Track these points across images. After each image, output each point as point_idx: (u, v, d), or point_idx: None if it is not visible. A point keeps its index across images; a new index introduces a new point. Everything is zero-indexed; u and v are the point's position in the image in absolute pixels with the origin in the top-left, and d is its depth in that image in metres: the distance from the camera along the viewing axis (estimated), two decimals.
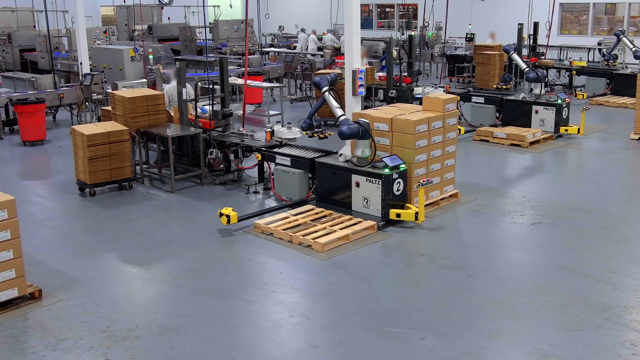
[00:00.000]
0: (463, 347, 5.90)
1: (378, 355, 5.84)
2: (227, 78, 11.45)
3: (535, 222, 9.00)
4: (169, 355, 5.90)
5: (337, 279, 7.44)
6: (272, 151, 10.11)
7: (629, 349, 5.81)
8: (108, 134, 10.34)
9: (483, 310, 6.64)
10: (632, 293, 6.87)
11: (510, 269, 7.54)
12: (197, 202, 10.17)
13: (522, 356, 5.75)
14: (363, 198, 9.03)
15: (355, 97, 11.54)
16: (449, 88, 15.53)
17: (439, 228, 8.87)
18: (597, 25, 26.40)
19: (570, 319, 6.34)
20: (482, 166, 12.08)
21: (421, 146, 9.28)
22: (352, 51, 11.49)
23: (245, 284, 7.36)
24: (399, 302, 6.87)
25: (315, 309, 6.73)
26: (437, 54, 23.13)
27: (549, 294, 6.88)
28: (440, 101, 9.62)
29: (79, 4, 16.96)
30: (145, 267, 7.82)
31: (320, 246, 8.11)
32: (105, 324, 6.43)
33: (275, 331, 6.30)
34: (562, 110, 13.69)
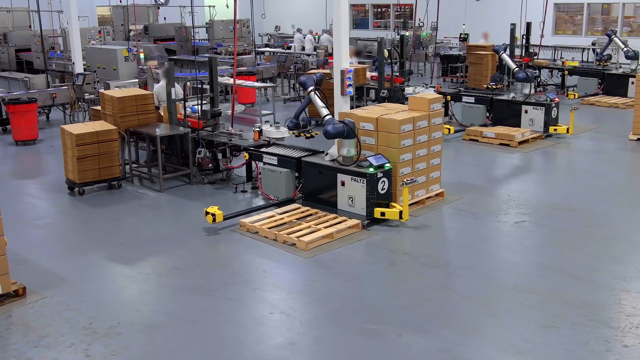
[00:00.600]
0: (439, 344, 5.97)
1: (355, 351, 5.92)
2: (217, 78, 11.53)
3: (519, 221, 9.08)
4: (149, 351, 5.97)
5: (320, 277, 7.52)
6: (259, 150, 10.18)
7: (603, 345, 5.89)
8: (97, 134, 10.41)
9: (461, 308, 6.72)
10: (609, 291, 6.94)
11: (491, 267, 7.61)
12: (185, 201, 10.25)
13: (496, 352, 5.82)
14: (348, 197, 9.10)
15: (344, 96, 11.65)
16: (440, 88, 15.59)
17: (423, 227, 8.94)
18: (592, 25, 26.47)
19: (546, 316, 6.42)
20: (470, 165, 12.15)
21: (406, 145, 9.35)
22: (341, 51, 11.59)
23: (229, 281, 7.43)
24: (379, 299, 6.94)
25: (296, 306, 6.80)
26: (431, 54, 23.21)
27: (528, 291, 6.96)
28: (426, 101, 9.69)
29: (72, 4, 17.03)
30: (130, 265, 7.89)
31: (304, 244, 8.19)
32: (87, 321, 6.50)
33: (255, 328, 6.37)
34: (551, 110, 13.76)
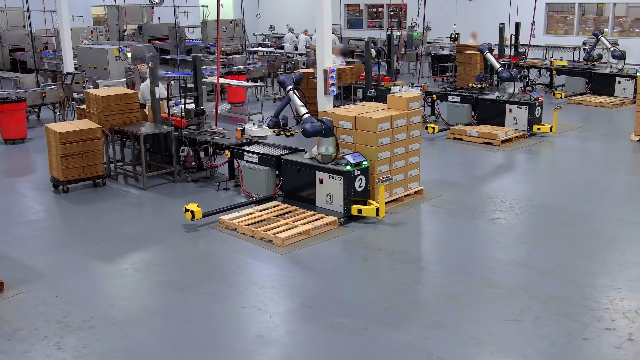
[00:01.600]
0: (404, 337, 6.10)
1: (321, 343, 6.05)
2: (201, 77, 11.66)
3: (494, 218, 9.21)
4: (120, 344, 6.10)
5: (293, 273, 7.65)
6: (240, 149, 10.31)
7: (564, 338, 6.02)
8: (81, 132, 10.54)
9: (429, 302, 6.86)
10: (576, 286, 7.07)
11: (462, 263, 7.75)
12: (167, 199, 10.38)
13: (458, 345, 5.95)
14: (326, 194, 9.23)
15: (327, 95, 11.82)
16: (427, 87, 15.72)
17: (399, 224, 9.07)
18: (583, 25, 26.59)
19: (511, 310, 6.55)
20: (452, 164, 12.28)
21: (384, 144, 9.48)
22: (324, 51, 11.76)
23: (204, 277, 7.57)
24: (350, 294, 7.07)
25: (267, 301, 6.93)
26: (422, 53, 23.32)
27: (495, 286, 7.09)
28: (404, 100, 9.82)
29: (62, 4, 17.16)
30: (108, 261, 8.02)
31: (280, 241, 8.32)
32: (62, 314, 6.64)
33: (226, 322, 6.50)
34: (534, 109, 13.89)
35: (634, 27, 25.84)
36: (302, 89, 10.02)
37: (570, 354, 5.77)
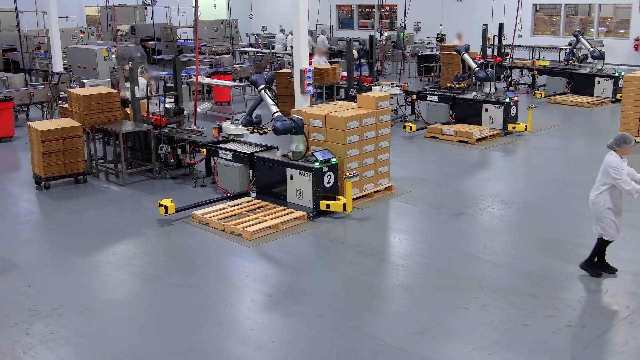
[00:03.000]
0: (355, 324, 6.42)
1: (274, 329, 6.38)
2: (180, 77, 11.98)
3: (458, 213, 9.53)
4: (85, 330, 6.42)
5: (259, 264, 7.98)
6: (216, 146, 10.63)
7: (505, 324, 6.34)
8: (62, 130, 10.86)
9: (384, 292, 7.18)
10: (526, 276, 7.39)
11: (421, 255, 8.07)
12: (145, 195, 10.69)
13: (404, 330, 6.27)
14: (297, 190, 9.55)
15: (304, 95, 12.13)
16: (407, 87, 16.03)
17: (366, 218, 9.39)
18: (570, 26, 26.90)
19: (460, 299, 6.87)
20: (427, 161, 12.60)
21: (353, 141, 9.79)
22: (300, 51, 12.06)
23: (172, 269, 7.89)
24: (309, 284, 7.40)
25: (231, 290, 7.26)
26: (409, 53, 23.67)
27: (449, 277, 7.41)
28: (373, 99, 10.13)
29: (52, 5, 17.52)
30: (82, 254, 8.33)
31: (249, 234, 8.64)
32: (33, 303, 6.96)
33: (189, 310, 6.82)
34: (510, 108, 14.20)
35: (620, 27, 26.17)
36: (286, 88, 10.32)
37: (510, 339, 6.08)
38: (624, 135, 7.17)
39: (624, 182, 6.94)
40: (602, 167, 7.17)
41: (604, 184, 7.12)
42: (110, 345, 6.15)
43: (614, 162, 7.02)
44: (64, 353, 6.01)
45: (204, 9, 29.37)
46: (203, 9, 29.38)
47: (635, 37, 24.79)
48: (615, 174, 6.96)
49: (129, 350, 6.05)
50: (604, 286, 7.12)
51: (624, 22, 25.93)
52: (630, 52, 25.02)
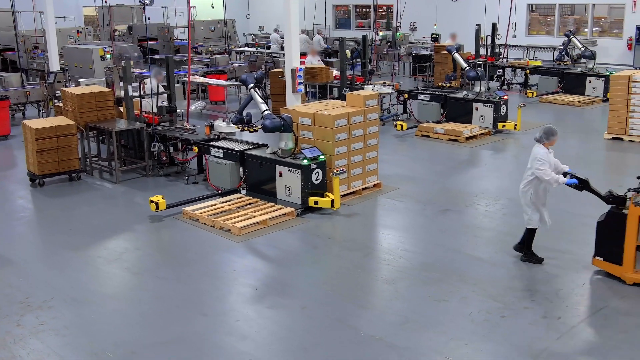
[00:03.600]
0: (337, 315, 6.60)
1: (258, 320, 6.55)
2: (173, 76, 12.16)
3: (443, 209, 9.70)
4: (74, 322, 6.61)
5: (246, 259, 8.16)
6: (207, 144, 10.81)
7: (483, 316, 6.52)
8: (56, 128, 11.04)
9: (367, 285, 7.36)
10: (505, 270, 7.57)
11: (405, 250, 8.24)
12: (138, 192, 10.86)
13: (384, 322, 6.45)
14: (286, 187, 9.73)
15: (295, 94, 12.32)
16: (399, 86, 16.20)
17: (353, 214, 9.56)
18: (564, 26, 27.05)
19: (441, 292, 7.05)
20: (417, 159, 12.77)
21: (341, 139, 9.97)
22: (292, 51, 12.26)
23: (162, 263, 8.08)
24: (295, 278, 7.57)
25: (217, 284, 7.44)
26: (403, 53, 23.85)
27: (431, 270, 7.59)
28: (361, 97, 10.31)
29: (48, 5, 17.69)
30: (73, 249, 8.51)
31: (238, 230, 8.82)
32: (24, 296, 7.14)
33: (175, 303, 7.00)
34: (500, 107, 14.38)
35: (614, 27, 26.34)
36: (279, 87, 10.47)
37: (486, 329, 6.26)
38: (550, 128, 7.57)
39: (544, 173, 7.33)
40: (530, 158, 7.51)
41: (532, 175, 7.47)
42: (98, 336, 6.33)
43: (539, 154, 7.41)
44: (53, 343, 6.19)
45: (201, 9, 29.73)
46: (201, 9, 29.73)
47: (629, 37, 24.95)
48: (538, 164, 7.34)
49: (116, 340, 6.23)
50: (581, 280, 7.30)
51: (618, 22, 26.09)
52: (624, 51, 25.19)
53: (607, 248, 7.20)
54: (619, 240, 7.05)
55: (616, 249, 7.09)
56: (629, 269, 7.06)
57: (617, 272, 7.15)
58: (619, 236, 7.05)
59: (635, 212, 6.92)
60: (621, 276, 7.12)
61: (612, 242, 7.12)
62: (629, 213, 6.98)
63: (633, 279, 7.05)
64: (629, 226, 6.98)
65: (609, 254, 7.18)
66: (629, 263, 7.04)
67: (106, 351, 6.02)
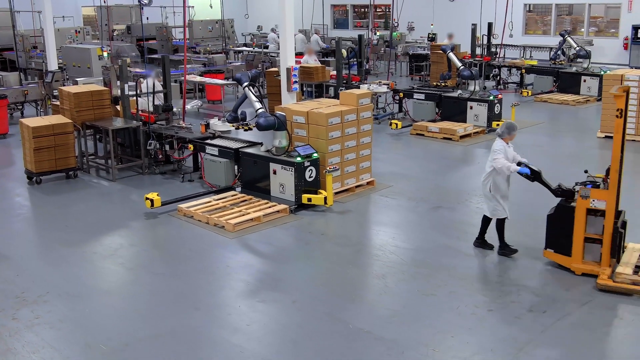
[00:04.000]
0: (327, 309, 6.72)
1: (250, 314, 6.67)
2: (170, 75, 12.28)
3: (436, 206, 9.82)
4: (68, 315, 6.72)
5: (239, 254, 8.27)
6: (202, 142, 10.93)
7: (470, 309, 6.64)
8: (53, 127, 11.16)
9: (357, 280, 7.48)
10: (495, 266, 7.70)
11: (397, 246, 8.36)
12: (134, 190, 10.98)
13: (373, 315, 6.57)
14: (279, 184, 9.84)
15: (290, 92, 12.42)
16: (394, 85, 16.32)
17: (346, 211, 9.68)
18: (560, 26, 27.15)
19: (430, 287, 7.16)
20: (410, 158, 12.89)
21: (334, 137, 10.08)
22: (287, 50, 12.35)
23: (156, 259, 8.20)
24: (286, 273, 7.69)
25: (210, 279, 7.55)
26: (400, 53, 23.98)
27: (421, 266, 7.71)
28: (354, 96, 10.43)
29: (47, 5, 17.81)
30: (69, 246, 8.63)
31: (231, 226, 8.94)
32: (20, 290, 7.26)
33: (168, 297, 7.11)
34: (493, 106, 14.50)
35: (610, 27, 26.45)
36: (275, 86, 10.55)
37: (473, 323, 6.38)
38: (511, 124, 7.95)
39: (497, 162, 7.70)
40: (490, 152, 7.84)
41: (490, 167, 7.81)
42: (92, 329, 6.44)
43: (497, 146, 7.79)
44: (48, 336, 6.30)
45: (200, 9, 29.84)
46: (199, 9, 29.82)
47: (625, 36, 25.06)
48: (494, 154, 7.71)
49: (109, 333, 6.34)
50: (569, 276, 7.40)
51: (614, 21, 26.20)
52: (620, 51, 25.30)
53: (557, 240, 7.44)
54: (568, 232, 7.29)
55: (565, 241, 7.33)
56: (578, 260, 7.30)
57: (567, 263, 7.40)
58: (568, 228, 7.29)
59: (582, 205, 7.17)
60: (570, 267, 7.36)
61: (562, 234, 7.36)
62: (577, 206, 7.22)
63: (582, 270, 7.29)
64: (577, 218, 7.21)
65: (559, 245, 7.42)
66: (577, 254, 7.28)
67: (100, 344, 6.14)
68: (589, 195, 7.15)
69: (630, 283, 6.91)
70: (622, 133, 6.95)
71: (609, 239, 7.11)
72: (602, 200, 7.10)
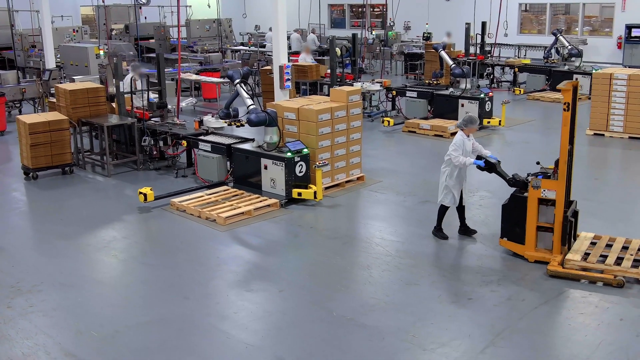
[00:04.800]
0: (312, 297, 6.93)
1: (237, 302, 6.88)
2: (164, 73, 12.48)
3: (423, 201, 10.03)
4: (62, 304, 6.93)
5: (230, 247, 8.48)
6: (196, 138, 11.14)
7: (451, 297, 6.86)
8: (49, 123, 11.37)
9: (343, 270, 7.68)
10: (477, 257, 7.90)
11: (383, 238, 8.57)
12: (128, 185, 11.19)
13: (356, 304, 6.77)
14: (270, 179, 10.05)
15: (282, 90, 12.62)
16: (387, 83, 16.53)
17: (336, 205, 9.89)
18: (555, 25, 27.35)
19: (412, 276, 7.38)
20: (401, 154, 13.10)
21: (324, 133, 10.29)
22: (279, 48, 12.56)
23: (148, 251, 8.41)
24: (275, 264, 7.90)
25: (201, 270, 7.76)
26: (395, 52, 24.19)
27: (405, 257, 7.91)
28: (344, 93, 10.64)
29: (44, 4, 18.03)
30: (64, 238, 8.84)
31: (223, 220, 9.15)
32: (15, 280, 7.47)
33: (158, 287, 7.32)
34: (484, 103, 14.71)
35: (604, 26, 26.66)
36: (270, 84, 10.72)
37: (453, 310, 6.59)
38: (471, 117, 8.33)
39: (454, 157, 8.12)
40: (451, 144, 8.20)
41: (447, 156, 8.22)
42: (84, 317, 6.65)
43: (456, 139, 8.18)
44: (41, 323, 6.51)
45: (198, 8, 30.02)
46: (197, 8, 29.99)
47: (618, 35, 25.27)
48: (451, 148, 8.08)
49: (101, 321, 6.55)
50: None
51: (608, 21, 26.42)
52: (614, 50, 25.52)
53: (512, 229, 7.75)
54: (521, 221, 7.61)
55: (519, 230, 7.65)
56: (531, 248, 7.62)
57: (520, 250, 7.71)
58: (521, 218, 7.60)
59: (534, 195, 7.48)
60: (524, 254, 7.66)
61: (515, 223, 7.68)
62: (529, 196, 7.53)
63: (534, 257, 7.59)
64: (529, 208, 7.53)
65: (513, 234, 7.74)
66: (530, 242, 7.60)
67: (91, 330, 6.34)
68: (540, 185, 7.45)
69: (578, 269, 7.21)
70: (569, 125, 7.22)
71: (559, 227, 7.42)
72: (553, 190, 7.42)
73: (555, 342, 6.04)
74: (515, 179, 7.82)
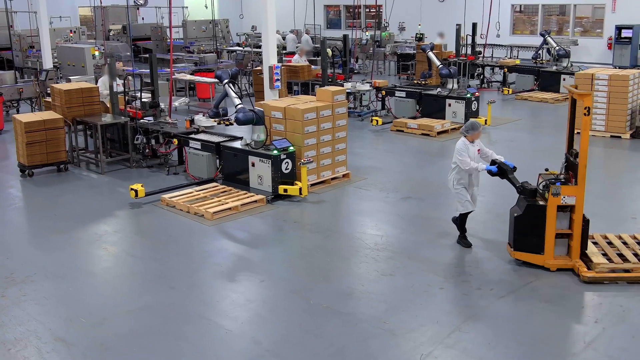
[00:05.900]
0: (292, 287, 7.28)
1: (220, 291, 7.24)
2: (157, 73, 12.83)
3: (405, 197, 10.38)
4: (53, 293, 7.29)
5: (216, 240, 8.82)
6: (186, 137, 11.48)
7: (423, 287, 7.20)
8: (44, 122, 11.71)
9: (323, 262, 8.03)
10: (453, 251, 8.24)
11: (363, 232, 8.92)
12: (121, 182, 11.53)
13: (333, 293, 7.12)
14: (258, 176, 10.40)
15: (272, 90, 12.96)
16: (376, 83, 16.86)
17: (320, 202, 10.24)
18: (547, 26, 27.69)
19: (388, 268, 7.73)
20: (389, 152, 13.44)
21: (310, 131, 10.64)
22: (269, 49, 12.90)
23: (136, 244, 8.77)
24: (258, 256, 8.25)
25: (187, 261, 8.10)
26: (388, 52, 24.54)
27: (383, 250, 8.26)
28: (329, 92, 10.99)
29: (42, 5, 18.38)
30: (57, 232, 9.18)
31: (210, 215, 9.49)
32: (9, 272, 7.82)
33: (146, 277, 7.68)
34: (471, 103, 15.06)
35: (595, 27, 27.00)
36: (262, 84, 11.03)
37: (424, 299, 6.94)
38: (472, 123, 8.25)
39: (462, 162, 8.02)
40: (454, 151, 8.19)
41: (454, 163, 8.20)
42: (74, 305, 7.01)
43: (459, 146, 8.10)
44: (33, 311, 6.86)
45: (195, 9, 30.34)
46: (194, 9, 30.30)
47: (609, 36, 25.60)
48: (457, 155, 8.05)
49: (90, 309, 6.90)
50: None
51: (599, 22, 26.75)
52: (604, 51, 25.85)
53: (527, 240, 7.53)
54: (539, 231, 7.45)
55: (536, 240, 7.47)
56: (550, 257, 7.49)
57: (540, 261, 7.51)
58: (538, 227, 7.45)
59: (554, 203, 7.34)
60: (544, 264, 7.50)
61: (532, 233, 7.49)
62: (549, 204, 7.36)
63: (557, 265, 7.49)
64: (549, 216, 7.39)
65: (529, 245, 7.53)
66: (549, 251, 7.48)
67: (80, 317, 6.69)
68: (560, 192, 7.32)
69: (608, 271, 7.25)
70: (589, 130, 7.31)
71: (579, 232, 7.38)
72: (572, 196, 7.32)
73: (522, 327, 6.39)
74: (524, 187, 7.70)
